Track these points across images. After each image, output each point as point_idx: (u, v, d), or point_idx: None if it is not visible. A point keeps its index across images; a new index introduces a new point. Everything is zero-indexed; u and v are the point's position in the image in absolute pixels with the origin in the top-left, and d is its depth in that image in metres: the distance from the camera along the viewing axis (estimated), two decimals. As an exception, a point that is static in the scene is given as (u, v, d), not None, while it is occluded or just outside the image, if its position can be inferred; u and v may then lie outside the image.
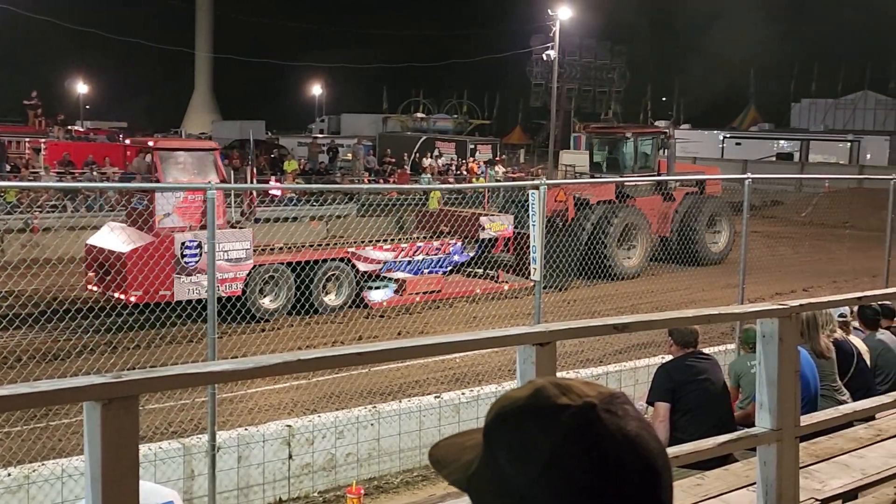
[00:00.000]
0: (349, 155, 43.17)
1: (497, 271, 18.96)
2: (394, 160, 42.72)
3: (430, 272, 18.18)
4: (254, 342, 13.29)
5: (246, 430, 8.75)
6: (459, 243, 18.82)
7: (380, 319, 16.10)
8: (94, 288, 15.25)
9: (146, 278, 14.16)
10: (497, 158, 44.89)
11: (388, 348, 2.97)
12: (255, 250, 15.81)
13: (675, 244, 21.38)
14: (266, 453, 8.65)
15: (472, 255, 19.13)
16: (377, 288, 17.53)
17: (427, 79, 78.48)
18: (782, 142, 57.93)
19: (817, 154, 53.91)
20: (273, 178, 34.81)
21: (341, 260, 16.76)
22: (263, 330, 14.74)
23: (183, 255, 14.76)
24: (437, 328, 15.43)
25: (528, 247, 18.31)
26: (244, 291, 15.44)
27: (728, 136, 59.61)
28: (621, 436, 1.07)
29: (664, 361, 7.39)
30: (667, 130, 24.89)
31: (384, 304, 17.14)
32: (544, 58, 51.86)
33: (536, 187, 10.04)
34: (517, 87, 75.03)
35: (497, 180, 36.84)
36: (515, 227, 19.24)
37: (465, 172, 39.83)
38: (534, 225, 10.01)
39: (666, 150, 24.12)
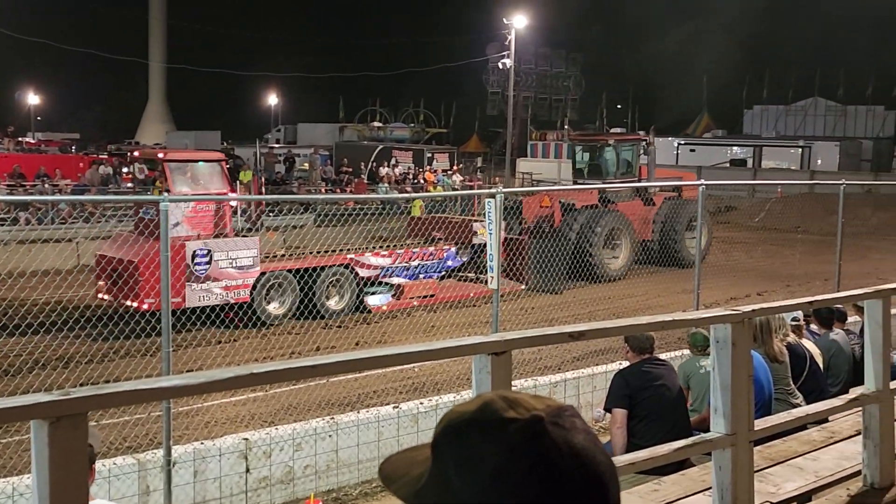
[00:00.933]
0: (306, 165, 43.00)
1: (487, 276, 18.98)
2: (351, 169, 42.62)
3: (425, 277, 18.65)
4: (209, 355, 13.14)
5: (202, 443, 8.64)
6: (453, 249, 19.34)
7: (338, 330, 16.03)
8: (106, 296, 15.50)
9: (158, 286, 14.17)
10: (454, 168, 44.93)
11: (341, 360, 2.95)
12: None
13: (657, 247, 22.21)
14: (223, 467, 8.55)
15: (464, 259, 19.57)
16: (376, 293, 17.98)
17: (383, 88, 78.51)
18: (735, 148, 58.66)
19: (770, 160, 54.65)
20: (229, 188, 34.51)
21: (343, 266, 17.20)
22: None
23: (194, 264, 15.17)
24: (396, 338, 15.38)
25: (517, 252, 19.13)
26: (252, 298, 15.88)
27: (682, 142, 60.26)
28: (568, 448, 1.06)
29: (621, 368, 7.44)
30: (647, 137, 25.39)
31: (384, 308, 17.65)
32: (500, 66, 52.16)
33: (493, 196, 10.05)
34: (474, 95, 75.23)
35: (454, 189, 36.88)
36: (507, 233, 19.61)
37: (422, 181, 39.83)
38: (490, 233, 10.03)
39: (647, 157, 24.85)
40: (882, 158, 54.27)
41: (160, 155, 17.66)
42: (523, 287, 18.82)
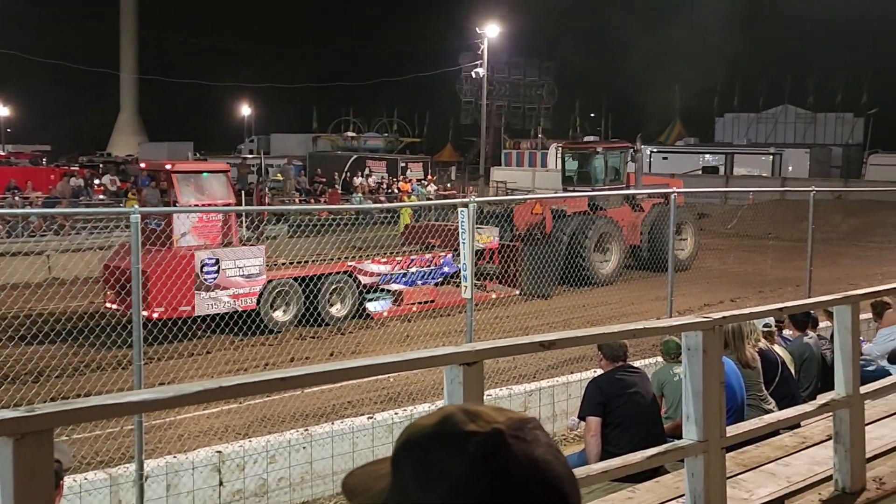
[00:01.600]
0: (279, 175, 42.86)
1: (484, 281, 19.69)
2: (325, 179, 42.55)
3: (423, 283, 19.06)
4: (181, 367, 13.04)
5: (175, 457, 8.57)
6: (450, 255, 19.60)
7: (312, 340, 15.96)
8: (114, 306, 15.71)
9: (167, 295, 14.78)
10: (429, 178, 44.95)
11: (310, 373, 2.94)
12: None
13: (646, 252, 22.74)
14: (196, 481, 8.48)
15: (459, 266, 19.48)
16: (377, 299, 18.29)
17: (357, 98, 78.50)
18: (707, 156, 59.04)
19: (741, 167, 55.07)
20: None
21: (345, 273, 17.51)
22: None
23: (203, 272, 15.52)
24: (370, 348, 15.34)
25: (513, 257, 19.68)
26: (258, 305, 16.17)
27: (655, 150, 60.58)
28: (528, 462, 1.06)
29: (595, 376, 7.45)
30: (635, 145, 25.79)
31: (384, 314, 17.97)
32: (473, 75, 52.27)
33: (466, 205, 10.06)
34: (447, 104, 75.38)
35: (428, 198, 36.91)
36: (501, 240, 20.51)
37: (396, 191, 39.82)
38: (464, 243, 10.01)
39: (634, 164, 25.37)
40: (851, 165, 54.83)
41: (167, 166, 18.02)
42: (517, 292, 19.30)
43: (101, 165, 46.48)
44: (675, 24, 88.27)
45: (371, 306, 18.03)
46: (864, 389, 5.33)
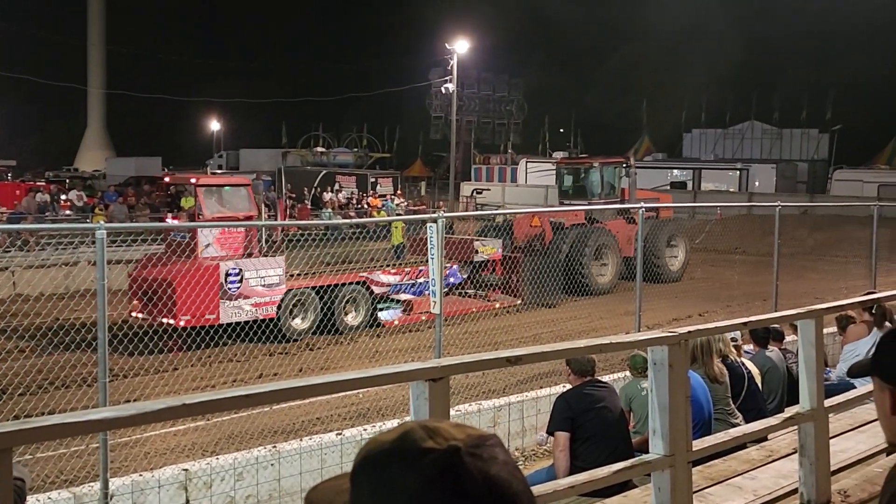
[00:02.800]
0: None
1: (487, 291, 20.65)
2: (294, 195, 42.41)
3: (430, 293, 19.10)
4: (147, 384, 12.90)
5: (140, 475, 8.46)
6: (455, 266, 20.42)
7: (281, 356, 15.87)
8: (140, 315, 16.26)
9: (193, 303, 15.44)
10: (397, 193, 44.95)
11: (275, 389, 2.92)
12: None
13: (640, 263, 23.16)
14: (162, 499, 8.38)
15: (464, 276, 20.69)
16: (387, 308, 18.82)
17: (326, 113, 78.38)
18: (676, 171, 59.51)
19: (709, 182, 55.53)
20: (170, 215, 34.08)
21: (359, 283, 18.10)
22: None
23: (227, 282, 16.21)
24: (340, 363, 15.27)
25: (515, 268, 20.41)
26: (278, 314, 16.76)
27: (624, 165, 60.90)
28: (483, 479, 1.05)
29: (563, 391, 7.46)
30: (629, 160, 26.87)
31: (395, 322, 18.48)
32: (443, 91, 52.43)
33: (435, 220, 10.06)
34: (417, 120, 75.53)
35: (398, 214, 36.90)
36: (504, 251, 21.46)
37: (365, 206, 39.77)
38: (432, 258, 10.01)
39: (628, 178, 26.44)
40: (817, 180, 55.47)
41: (192, 180, 19.01)
42: (519, 302, 20.12)
43: (67, 181, 46.03)
44: (643, 40, 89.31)
45: (382, 315, 18.55)
46: (828, 403, 5.37)
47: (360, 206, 40.96)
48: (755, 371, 8.47)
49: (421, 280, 19.42)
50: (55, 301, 13.68)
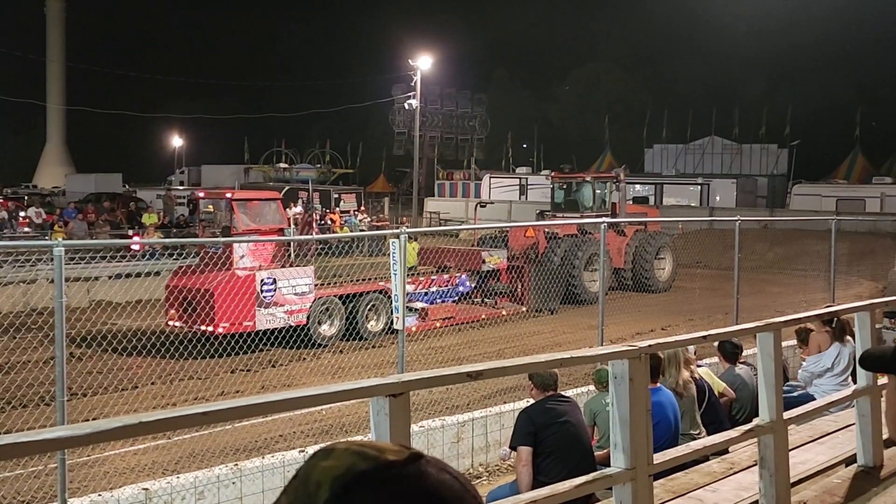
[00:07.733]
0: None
1: (495, 299, 21.67)
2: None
3: (442, 301, 20.82)
4: (106, 402, 12.72)
5: (100, 495, 8.34)
6: (465, 276, 21.58)
7: (243, 374, 15.73)
8: (177, 323, 16.92)
9: (232, 311, 16.30)
10: (361, 208, 44.85)
11: (234, 406, 2.88)
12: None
13: (629, 274, 24.80)
14: (122, 520, 8.26)
15: (472, 286, 21.79)
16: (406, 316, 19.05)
17: (289, 129, 78.26)
18: (638, 186, 59.94)
19: (670, 197, 55.91)
20: (132, 231, 33.78)
21: (380, 292, 18.68)
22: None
23: (262, 291, 16.99)
24: (303, 380, 15.18)
25: (520, 277, 21.53)
26: (308, 321, 17.58)
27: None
28: (447, 487, 1.04)
29: (526, 406, 7.46)
30: (619, 175, 27.53)
31: (412, 329, 18.64)
32: (406, 107, 52.46)
33: (397, 236, 10.05)
34: (380, 135, 75.49)
35: (361, 229, 36.85)
36: (509, 261, 22.54)
37: (328, 222, 39.64)
38: (395, 274, 9.99)
39: (618, 193, 27.40)
40: (776, 195, 56.09)
41: (227, 195, 20.12)
42: (524, 309, 21.24)
43: (26, 198, 45.40)
44: (604, 57, 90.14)
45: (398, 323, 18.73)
46: (787, 415, 5.42)
47: (322, 221, 40.81)
48: (713, 383, 8.54)
49: (434, 289, 20.74)
50: (11, 318, 13.49)
